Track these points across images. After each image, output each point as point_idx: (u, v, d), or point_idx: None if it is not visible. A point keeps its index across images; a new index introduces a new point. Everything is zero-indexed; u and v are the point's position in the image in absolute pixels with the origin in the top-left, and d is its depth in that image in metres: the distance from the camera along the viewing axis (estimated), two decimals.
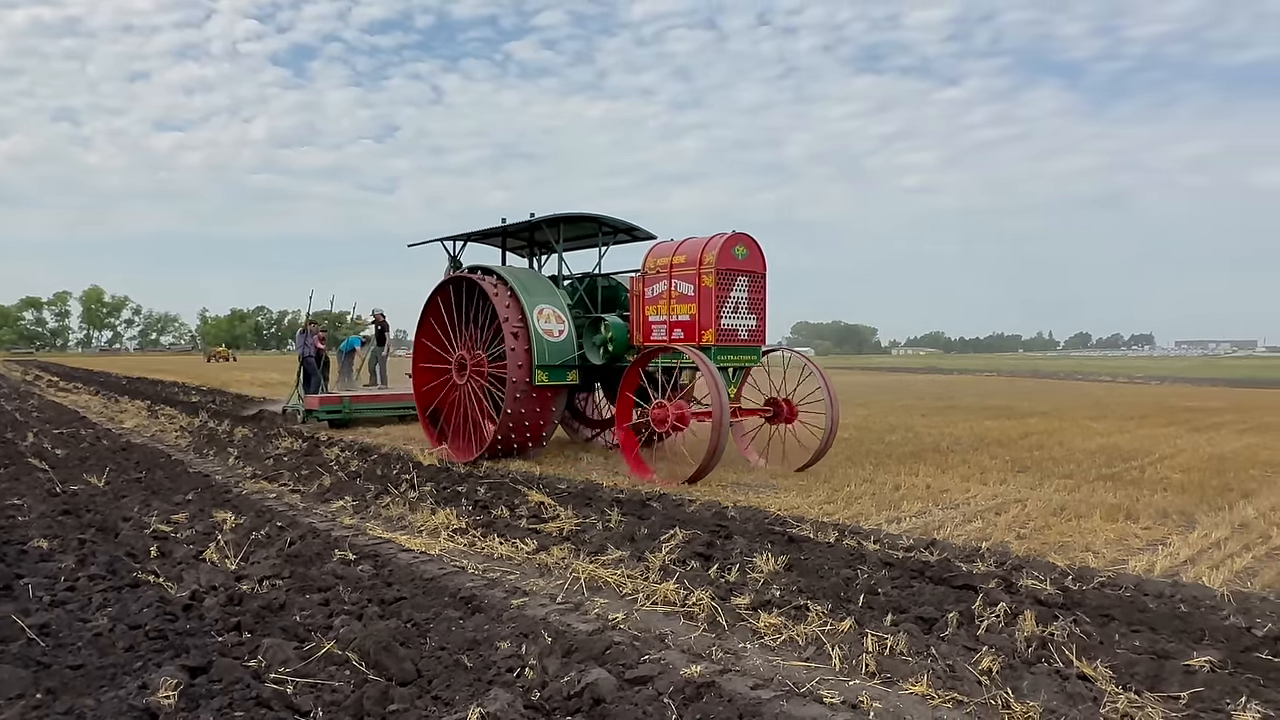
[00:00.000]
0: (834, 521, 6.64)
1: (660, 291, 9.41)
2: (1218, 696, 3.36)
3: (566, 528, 6.31)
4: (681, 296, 9.18)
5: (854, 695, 3.48)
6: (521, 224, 11.01)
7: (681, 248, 9.31)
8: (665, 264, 9.35)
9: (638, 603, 4.68)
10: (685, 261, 9.12)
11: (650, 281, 9.58)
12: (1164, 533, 6.42)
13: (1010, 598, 4.52)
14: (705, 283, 8.89)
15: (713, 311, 8.87)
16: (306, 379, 16.15)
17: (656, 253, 9.63)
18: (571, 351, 10.02)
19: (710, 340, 8.88)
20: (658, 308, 9.47)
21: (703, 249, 8.98)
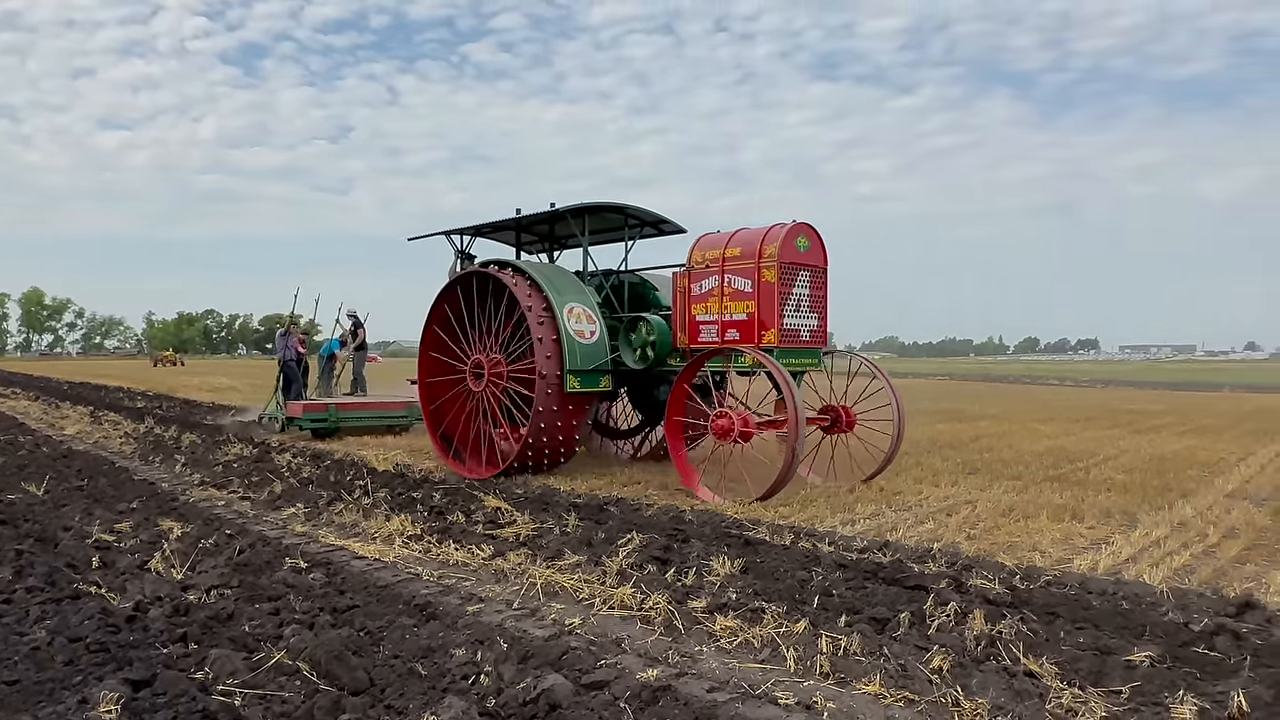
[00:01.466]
0: (790, 524, 6.70)
1: (710, 288, 8.47)
2: (1157, 690, 3.46)
3: (523, 533, 6.28)
4: (737, 293, 8.26)
5: (808, 696, 3.51)
6: (541, 215, 10.05)
7: (735, 239, 8.38)
8: (716, 257, 8.42)
9: (594, 607, 4.68)
10: (741, 254, 8.21)
11: (697, 277, 8.62)
12: (1107, 532, 6.60)
13: (960, 597, 4.61)
14: (766, 277, 7.99)
15: (775, 310, 7.98)
16: (286, 385, 15.08)
17: (704, 245, 8.69)
18: (604, 355, 9.13)
19: (772, 341, 7.99)
20: (706, 306, 8.54)
21: (761, 240, 8.09)
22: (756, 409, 8.84)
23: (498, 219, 10.48)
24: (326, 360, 16.49)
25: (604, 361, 9.11)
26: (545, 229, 11.28)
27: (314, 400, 14.54)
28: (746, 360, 8.05)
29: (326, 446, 12.15)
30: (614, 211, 10.06)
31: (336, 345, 16.52)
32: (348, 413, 14.00)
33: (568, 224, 10.36)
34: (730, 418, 7.82)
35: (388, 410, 14.48)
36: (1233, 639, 3.97)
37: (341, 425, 13.76)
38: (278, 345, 15.49)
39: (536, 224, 10.88)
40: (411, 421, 14.28)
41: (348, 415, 13.94)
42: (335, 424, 13.68)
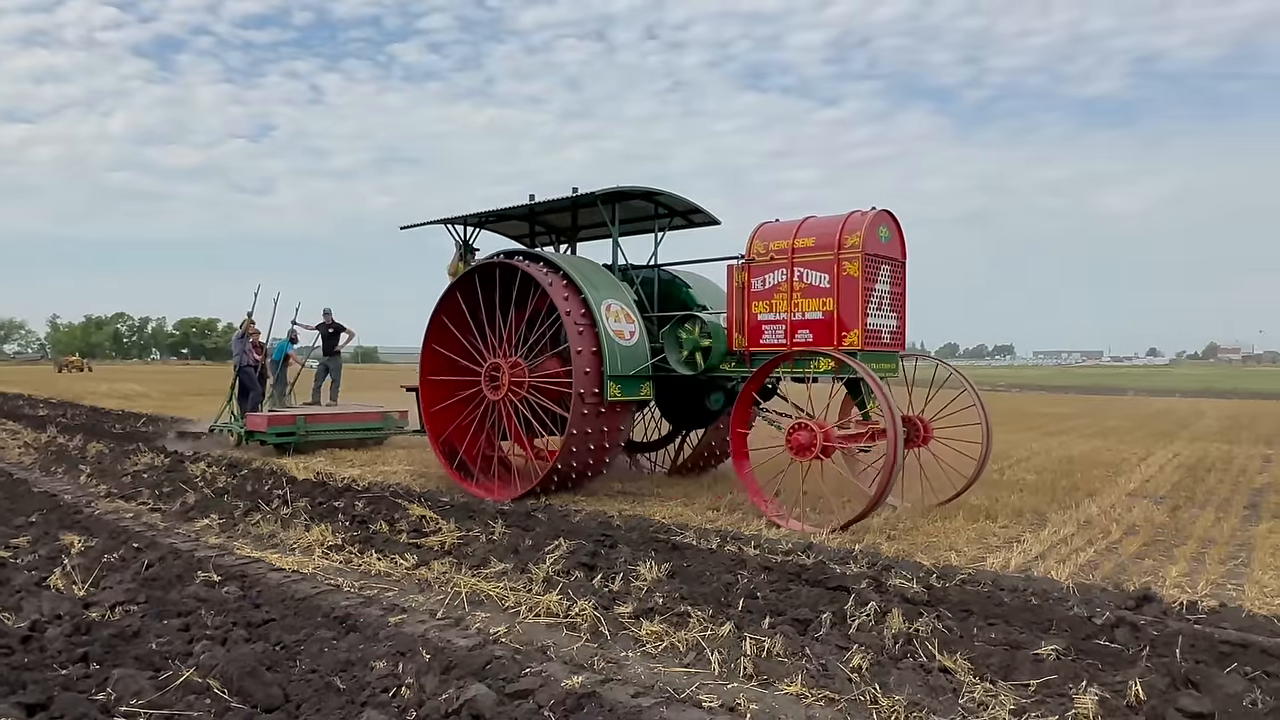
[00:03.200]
0: (717, 528, 6.77)
1: (777, 283, 7.54)
2: (1062, 682, 3.61)
3: (448, 541, 6.18)
4: (810, 289, 7.35)
5: (732, 698, 3.55)
6: (560, 201, 9.00)
7: (806, 228, 7.50)
8: (783, 248, 7.49)
9: (520, 615, 4.63)
10: (815, 245, 7.34)
11: (760, 270, 7.66)
12: (1019, 531, 6.86)
13: (880, 597, 4.73)
14: (848, 271, 7.15)
15: (858, 308, 7.13)
16: (243, 393, 13.49)
17: (767, 234, 7.72)
18: (645, 358, 8.25)
19: (854, 344, 7.15)
20: (772, 303, 7.59)
21: (841, 229, 7.22)
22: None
23: (506, 205, 9.41)
24: (280, 364, 14.58)
25: (645, 366, 8.23)
26: (563, 218, 10.09)
27: (280, 411, 13.06)
28: (821, 365, 7.24)
29: (244, 455, 11.73)
30: (643, 198, 9.08)
31: (287, 347, 14.68)
32: (318, 425, 12.57)
33: (592, 212, 9.34)
34: (812, 430, 6.91)
35: (362, 421, 13.14)
36: (1132, 631, 4.17)
37: (312, 439, 12.39)
38: (234, 349, 13.93)
39: (553, 212, 9.82)
40: (389, 433, 13.27)
41: (318, 428, 12.53)
42: (304, 438, 12.28)
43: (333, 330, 14.65)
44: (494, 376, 8.63)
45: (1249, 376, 72.14)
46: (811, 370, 7.36)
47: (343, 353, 15.18)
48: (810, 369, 7.35)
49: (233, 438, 12.97)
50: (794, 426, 7.05)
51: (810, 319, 7.40)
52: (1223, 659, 3.82)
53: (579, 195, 8.68)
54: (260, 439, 12.26)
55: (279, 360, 14.32)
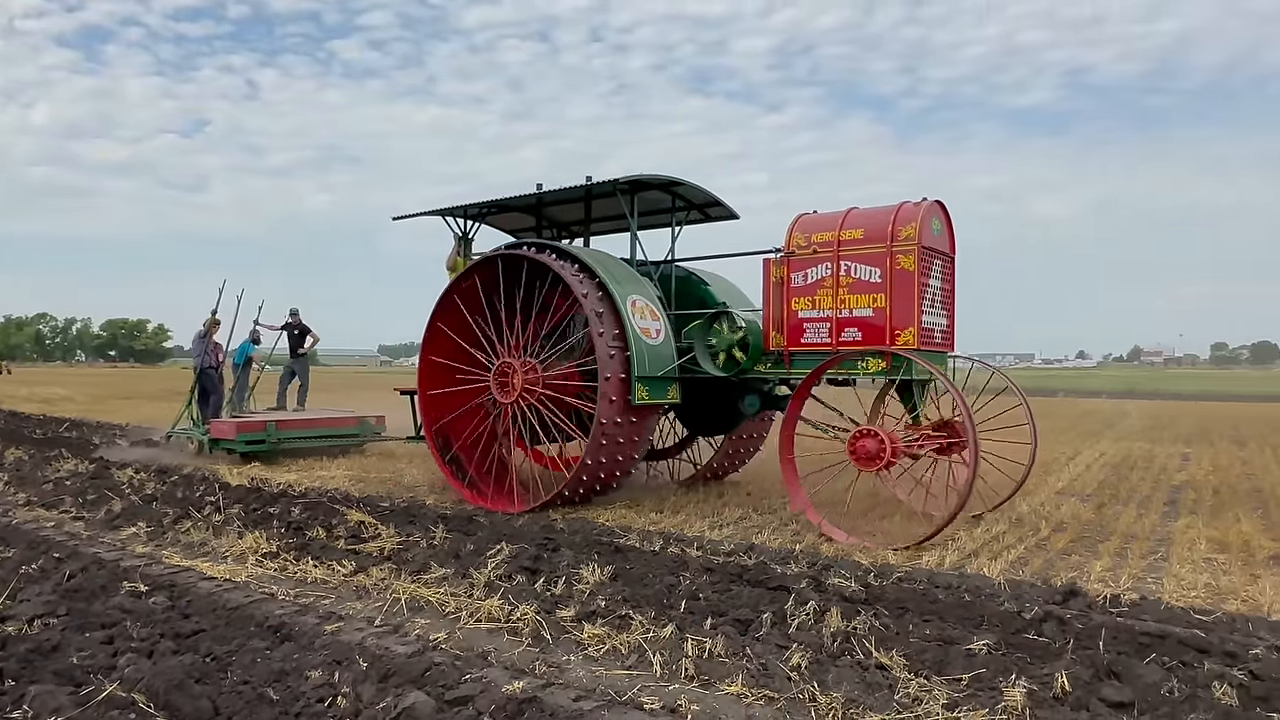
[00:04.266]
0: (660, 530, 6.79)
1: (820, 278, 7.06)
2: (992, 675, 3.71)
3: (388, 547, 6.08)
4: (858, 284, 6.89)
5: (673, 700, 3.56)
6: (572, 190, 8.38)
7: (852, 219, 7.03)
8: (827, 240, 7.02)
9: (461, 621, 4.58)
10: (864, 237, 6.88)
11: (800, 265, 7.16)
12: (954, 529, 7.02)
13: (819, 596, 4.80)
14: (902, 265, 6.70)
15: (914, 304, 6.69)
16: (203, 396, 12.63)
17: (807, 226, 7.23)
18: (672, 358, 7.72)
19: (909, 343, 6.71)
20: (815, 299, 7.11)
21: (893, 220, 6.79)
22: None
23: (510, 195, 8.78)
24: (241, 367, 13.64)
25: (672, 368, 7.68)
26: (571, 210, 9.49)
27: (248, 417, 12.25)
28: (870, 366, 6.81)
29: (174, 460, 11.35)
30: (661, 190, 8.49)
31: (251, 348, 13.84)
32: (290, 432, 11.71)
33: (607, 203, 8.80)
34: (880, 438, 6.46)
35: (337, 427, 12.33)
36: (1059, 625, 4.31)
37: (285, 447, 11.57)
38: (194, 349, 12.94)
39: (562, 203, 9.24)
40: (365, 439, 12.52)
41: (290, 435, 11.68)
42: (276, 445, 11.43)
43: (298, 332, 13.98)
44: (505, 378, 7.95)
45: (1170, 378, 75.17)
46: (859, 372, 6.92)
47: (309, 355, 14.50)
48: (857, 370, 6.89)
49: (193, 444, 12.22)
50: (859, 433, 6.59)
51: (859, 316, 6.92)
52: (1143, 650, 3.98)
53: (593, 184, 8.17)
54: (227, 447, 11.44)
55: (241, 363, 13.53)
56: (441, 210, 9.34)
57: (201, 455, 11.87)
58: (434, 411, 8.66)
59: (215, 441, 11.60)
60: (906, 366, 6.64)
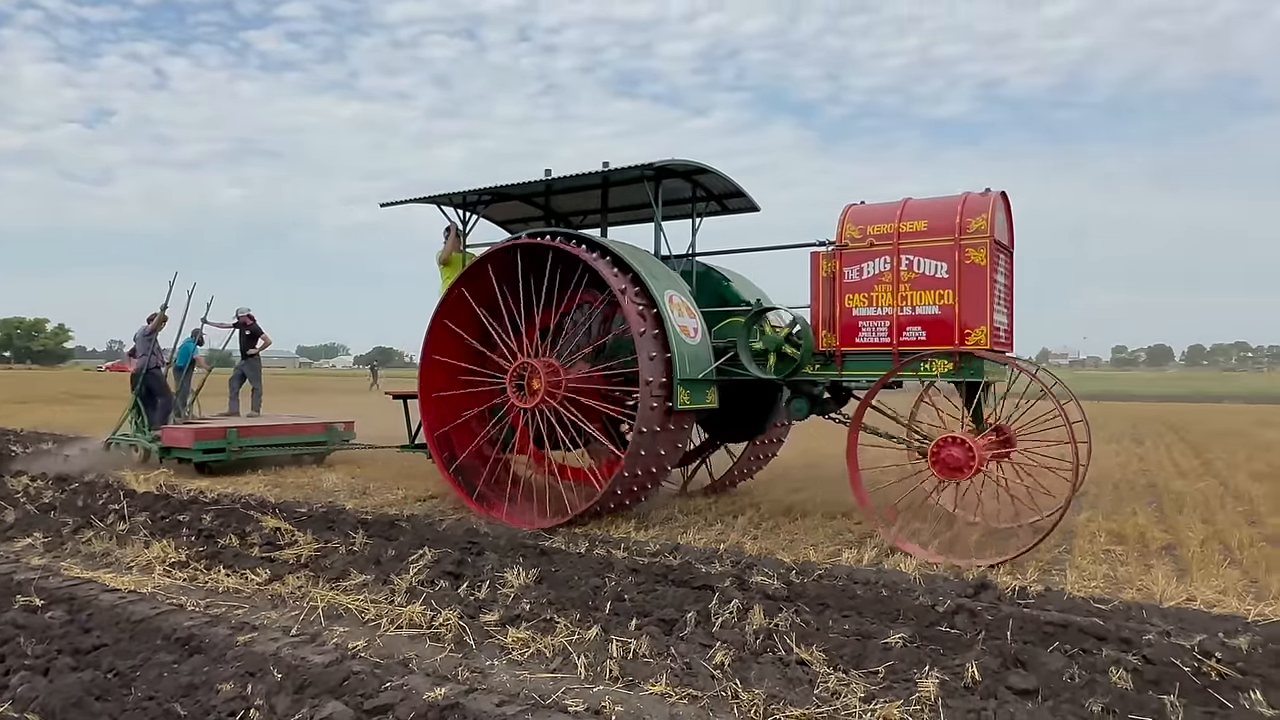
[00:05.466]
0: (585, 532, 6.78)
1: (877, 273, 6.61)
2: (907, 668, 3.83)
3: (305, 554, 5.91)
4: (922, 279, 6.45)
5: (597, 701, 3.56)
6: (588, 177, 7.64)
7: (912, 210, 6.59)
8: (885, 233, 6.56)
9: (381, 628, 4.49)
10: (928, 229, 6.44)
11: (854, 259, 6.69)
12: (872, 527, 7.21)
13: (743, 594, 4.87)
14: (973, 259, 6.29)
15: (985, 301, 6.27)
16: (149, 400, 11.50)
17: (860, 217, 6.75)
18: (710, 360, 7.18)
19: (981, 342, 6.29)
20: (871, 296, 6.65)
21: (960, 211, 6.37)
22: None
23: (517, 182, 8.04)
24: (185, 370, 12.60)
25: (711, 369, 7.14)
26: (583, 199, 8.82)
27: (206, 423, 11.14)
28: (936, 368, 6.42)
29: (78, 467, 10.76)
30: (683, 177, 7.83)
31: (194, 349, 12.76)
32: (252, 439, 10.71)
33: (626, 190, 8.21)
34: (968, 445, 6.07)
35: (303, 434, 11.36)
36: (970, 617, 4.48)
37: (247, 456, 10.59)
38: (139, 348, 11.73)
39: (574, 190, 8.53)
40: (333, 447, 11.59)
41: (253, 442, 10.70)
42: (237, 454, 10.41)
43: (249, 332, 13.02)
44: (521, 382, 7.26)
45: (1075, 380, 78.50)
46: (923, 374, 6.52)
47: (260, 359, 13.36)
48: (921, 372, 6.51)
49: (138, 453, 11.18)
50: (943, 441, 6.20)
51: (923, 314, 6.47)
52: (1047, 639, 4.16)
53: (612, 170, 7.49)
54: (181, 456, 10.35)
55: (183, 365, 12.49)
56: (435, 197, 8.49)
57: (146, 463, 10.90)
58: (437, 417, 7.98)
59: (167, 450, 10.45)
60: (978, 368, 6.32)
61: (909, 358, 6.42)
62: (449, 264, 8.67)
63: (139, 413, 11.47)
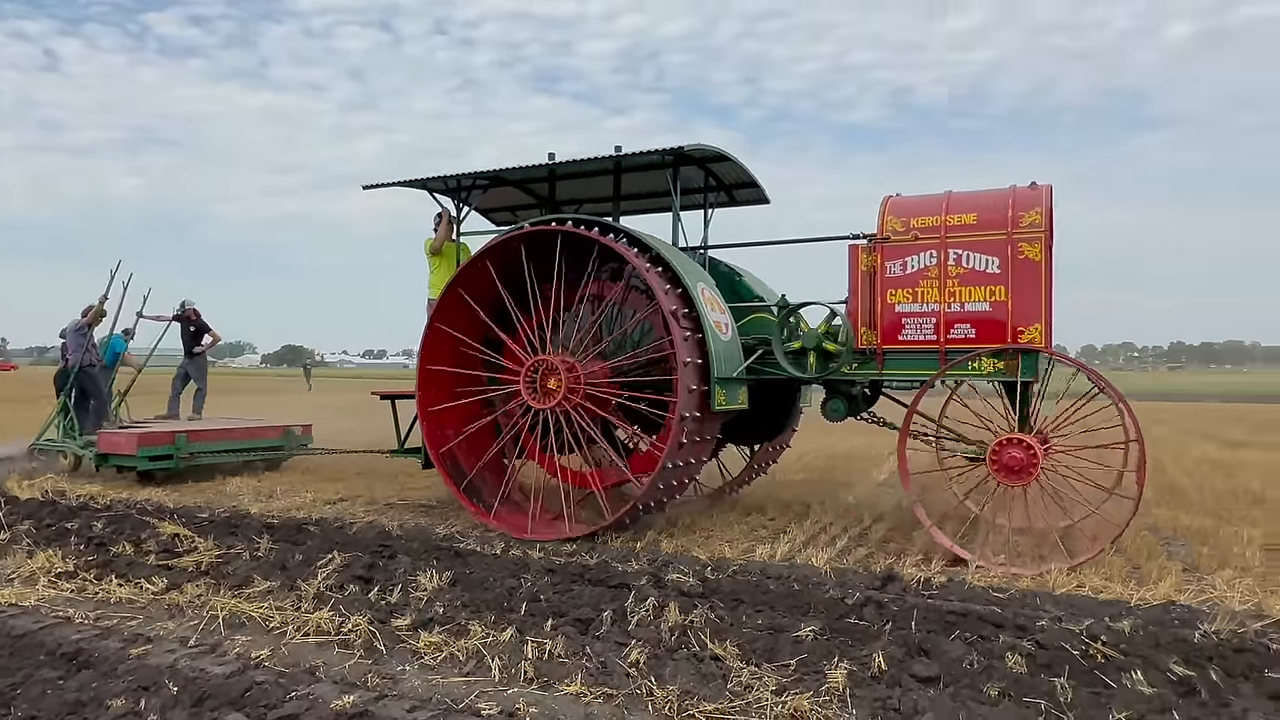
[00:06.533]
0: (502, 533, 6.71)
1: (922, 267, 6.35)
2: (817, 659, 3.92)
3: (205, 561, 5.66)
4: (972, 274, 6.21)
5: (511, 703, 3.53)
6: (598, 162, 7.09)
7: (957, 203, 6.35)
8: (931, 225, 6.31)
9: (287, 636, 4.34)
10: (978, 222, 6.21)
11: (897, 252, 6.40)
12: (786, 523, 7.36)
13: (659, 592, 4.90)
14: (1026, 254, 6.07)
15: (1041, 298, 6.05)
16: (80, 400, 10.58)
17: (902, 209, 6.49)
18: (741, 358, 6.81)
19: (1037, 340, 6.06)
20: (915, 291, 6.36)
21: (1011, 204, 6.15)
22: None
23: (516, 165, 7.42)
24: (111, 369, 11.53)
25: (743, 367, 6.79)
26: (587, 186, 8.26)
27: (151, 428, 10.08)
28: (984, 367, 6.17)
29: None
30: (697, 164, 7.42)
31: (122, 345, 11.76)
32: (203, 445, 9.73)
33: (636, 178, 7.76)
34: (1031, 447, 5.89)
35: (258, 438, 10.35)
36: (877, 608, 4.62)
37: (196, 463, 9.61)
38: (70, 343, 10.71)
39: (581, 176, 7.94)
40: (290, 452, 10.54)
41: (204, 448, 9.73)
42: (186, 461, 9.44)
43: (194, 328, 11.95)
44: (536, 381, 6.73)
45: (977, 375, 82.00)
46: (970, 373, 6.27)
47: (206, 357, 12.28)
48: (968, 371, 6.25)
49: (66, 460, 10.19)
50: (1003, 442, 6.00)
51: (973, 311, 6.22)
52: (949, 628, 4.32)
53: (624, 155, 6.94)
54: (122, 464, 9.35)
55: (110, 364, 11.43)
56: (423, 180, 7.77)
57: (77, 470, 9.96)
58: (439, 429, 7.32)
59: (104, 457, 9.39)
60: (1030, 368, 6.13)
61: (959, 356, 6.21)
62: (440, 254, 8.09)
63: (67, 415, 10.46)
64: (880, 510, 7.99)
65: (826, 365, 6.65)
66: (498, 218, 9.26)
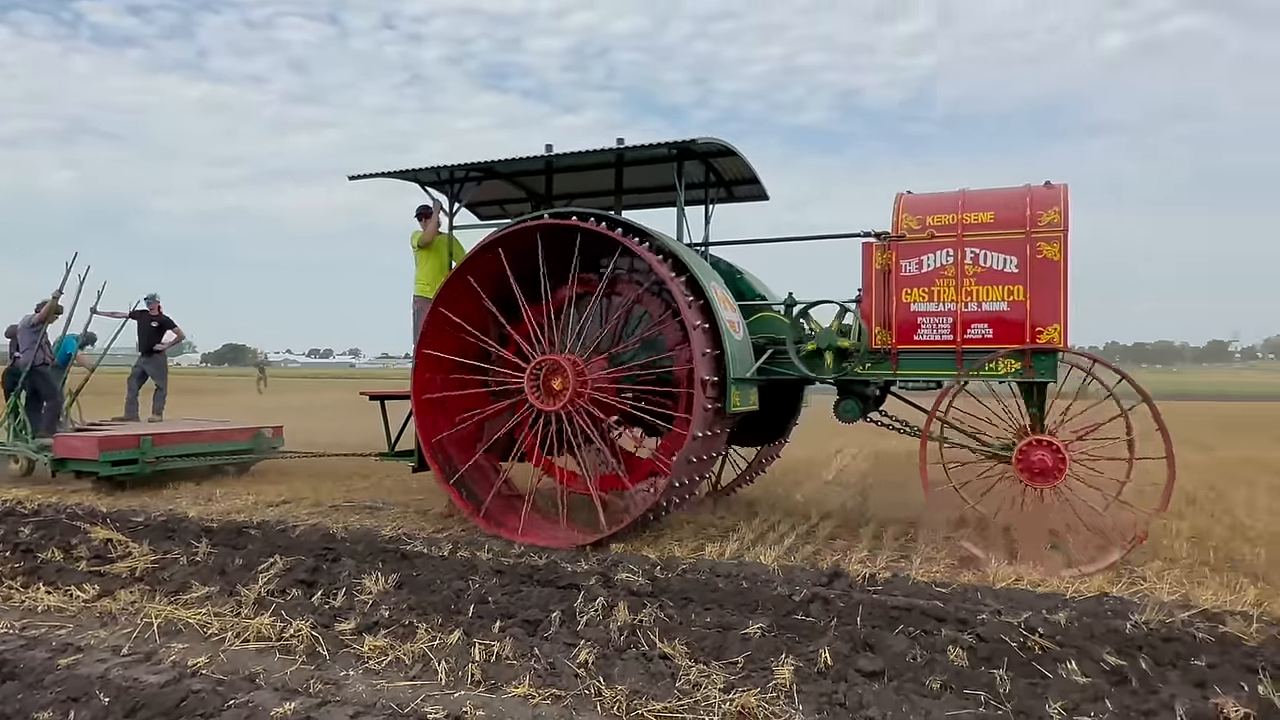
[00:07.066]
0: (449, 535, 6.63)
1: (939, 266, 6.30)
2: (765, 656, 3.96)
3: (140, 566, 5.49)
4: (989, 274, 6.17)
5: (458, 707, 3.49)
6: (599, 154, 6.82)
7: (973, 201, 6.33)
8: (948, 224, 6.27)
9: (226, 642, 4.23)
10: (995, 220, 6.18)
11: (912, 251, 6.35)
12: (735, 521, 7.42)
13: (608, 592, 4.89)
14: (1046, 254, 6.04)
15: (1060, 298, 6.03)
16: (33, 401, 10.08)
17: (917, 207, 6.42)
18: (752, 358, 6.68)
19: (1055, 340, 6.02)
20: (931, 291, 6.31)
21: (1029, 203, 6.13)
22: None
23: (510, 157, 7.01)
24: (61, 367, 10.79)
25: (754, 368, 6.61)
26: (584, 180, 7.99)
27: (112, 430, 9.58)
28: (1002, 368, 6.14)
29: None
30: (700, 158, 7.19)
31: (73, 345, 10.95)
32: (169, 448, 9.17)
33: (639, 172, 7.54)
34: (1059, 449, 5.87)
35: (227, 441, 9.86)
36: (824, 605, 4.68)
37: (162, 468, 9.07)
38: (22, 340, 10.16)
39: (579, 169, 7.69)
40: (261, 455, 10.13)
41: (170, 452, 9.19)
42: (153, 465, 8.90)
43: (156, 324, 11.35)
44: (541, 382, 6.50)
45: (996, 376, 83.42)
46: (986, 374, 6.24)
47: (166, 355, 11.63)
48: (985, 372, 6.22)
49: (17, 465, 9.61)
50: (1030, 444, 5.98)
51: (990, 310, 6.19)
52: (893, 622, 4.40)
53: (627, 149, 6.68)
54: (81, 469, 8.75)
55: (62, 363, 10.74)
56: (413, 171, 7.46)
57: (29, 476, 9.44)
58: (433, 422, 7.04)
59: (61, 462, 8.84)
60: (1049, 369, 6.12)
61: (978, 356, 6.18)
62: (430, 248, 7.81)
63: (18, 416, 9.91)
64: (828, 508, 8.09)
65: (840, 365, 6.59)
66: (483, 212, 8.95)
